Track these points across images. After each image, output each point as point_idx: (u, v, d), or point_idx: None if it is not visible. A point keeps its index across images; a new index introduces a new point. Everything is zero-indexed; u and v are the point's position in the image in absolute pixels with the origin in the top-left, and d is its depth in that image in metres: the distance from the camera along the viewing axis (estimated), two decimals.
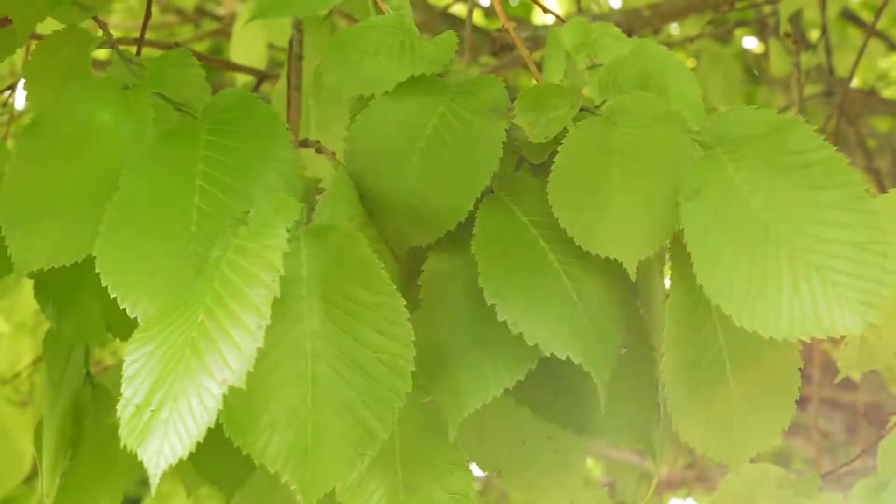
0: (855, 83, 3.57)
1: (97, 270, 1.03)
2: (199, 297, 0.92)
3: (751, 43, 3.89)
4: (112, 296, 1.02)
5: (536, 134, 1.09)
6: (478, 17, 3.87)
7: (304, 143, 1.23)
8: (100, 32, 1.28)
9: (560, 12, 3.97)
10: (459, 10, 3.20)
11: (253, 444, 0.94)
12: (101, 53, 1.40)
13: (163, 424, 0.89)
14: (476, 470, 1.19)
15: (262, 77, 2.23)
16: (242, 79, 2.95)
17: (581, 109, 1.11)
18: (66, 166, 1.13)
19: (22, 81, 1.26)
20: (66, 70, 1.24)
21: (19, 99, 2.64)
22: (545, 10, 1.48)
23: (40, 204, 1.13)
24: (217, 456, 1.55)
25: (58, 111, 1.16)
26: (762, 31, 3.31)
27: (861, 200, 0.98)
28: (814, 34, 3.32)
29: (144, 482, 0.93)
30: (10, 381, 2.73)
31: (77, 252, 1.12)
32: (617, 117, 1.08)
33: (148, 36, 1.47)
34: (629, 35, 2.31)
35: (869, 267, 0.96)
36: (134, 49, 1.40)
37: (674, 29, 3.64)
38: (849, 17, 3.64)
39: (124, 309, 1.02)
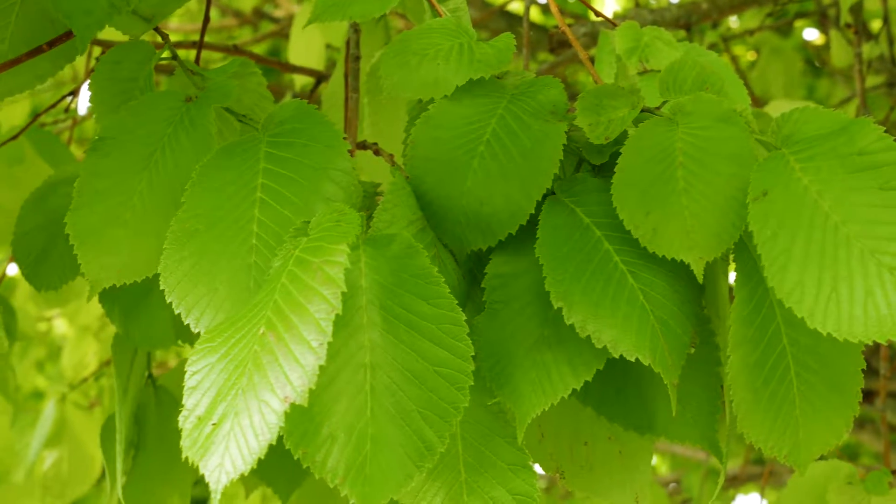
0: None
1: (161, 287, 1.04)
2: (260, 309, 0.93)
3: (811, 34, 3.85)
4: (176, 311, 1.03)
5: (597, 135, 1.09)
6: (535, 14, 3.86)
7: (362, 146, 1.23)
8: (160, 40, 1.29)
9: (619, 6, 3.95)
10: (516, 7, 3.20)
11: (313, 457, 0.94)
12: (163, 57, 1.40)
13: (224, 438, 0.89)
14: (540, 469, 1.19)
15: (320, 77, 2.23)
16: (301, 79, 2.96)
17: (641, 111, 1.11)
18: (133, 181, 1.14)
19: (84, 86, 1.27)
20: (129, 83, 1.25)
21: (82, 104, 2.66)
22: (597, 14, 1.47)
23: (109, 219, 1.14)
24: (274, 459, 1.57)
25: (123, 127, 1.17)
26: (823, 23, 3.27)
27: None
28: (875, 24, 3.29)
29: (200, 480, 0.94)
30: (77, 386, 2.76)
31: (148, 267, 1.13)
32: (679, 118, 1.08)
33: (207, 39, 1.47)
34: (688, 29, 2.31)
35: None
36: (193, 53, 1.41)
37: (733, 22, 3.61)
38: None
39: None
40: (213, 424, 0.90)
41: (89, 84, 1.26)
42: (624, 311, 1.01)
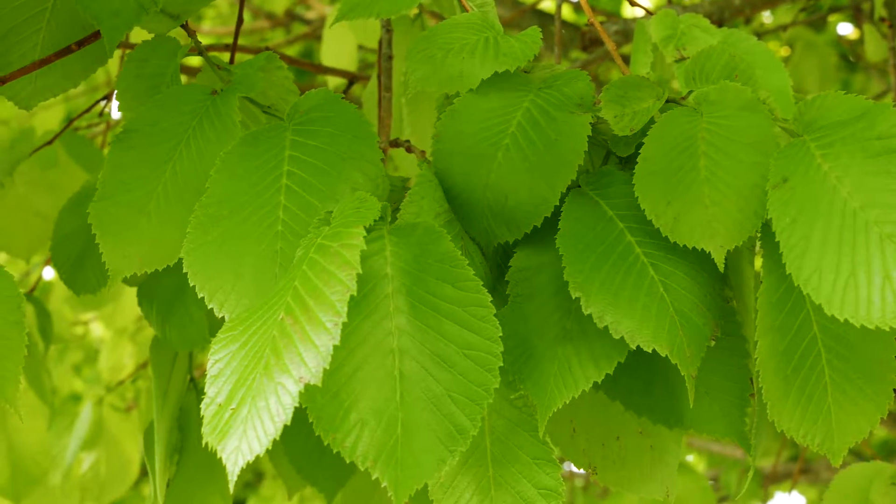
0: None
1: (184, 271, 1.05)
2: (281, 296, 0.93)
3: (845, 29, 3.83)
4: (199, 295, 1.04)
5: (622, 127, 1.09)
6: (567, 13, 3.86)
7: (395, 143, 1.23)
8: (189, 40, 1.29)
9: (650, 4, 3.94)
10: (548, 6, 3.20)
11: (342, 442, 0.94)
12: (194, 61, 1.41)
13: (242, 423, 0.90)
14: (573, 466, 1.19)
15: (352, 79, 2.24)
16: (333, 81, 2.96)
17: (667, 101, 1.10)
18: (157, 172, 1.15)
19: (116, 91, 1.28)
20: (156, 79, 1.26)
21: (115, 108, 2.68)
22: (633, 4, 1.47)
23: (133, 210, 1.15)
24: (318, 458, 1.57)
25: (148, 119, 1.17)
26: (857, 17, 3.25)
27: None
28: None
29: (248, 484, 0.94)
30: (114, 389, 2.77)
31: (170, 256, 1.13)
32: (703, 107, 1.08)
33: (239, 42, 1.48)
34: (720, 25, 2.30)
35: None
36: (225, 55, 1.42)
37: (766, 17, 3.60)
38: None
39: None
40: (232, 410, 0.91)
41: (117, 81, 1.27)
42: (643, 301, 1.01)
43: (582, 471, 1.20)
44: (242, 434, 0.89)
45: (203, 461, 1.59)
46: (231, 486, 0.88)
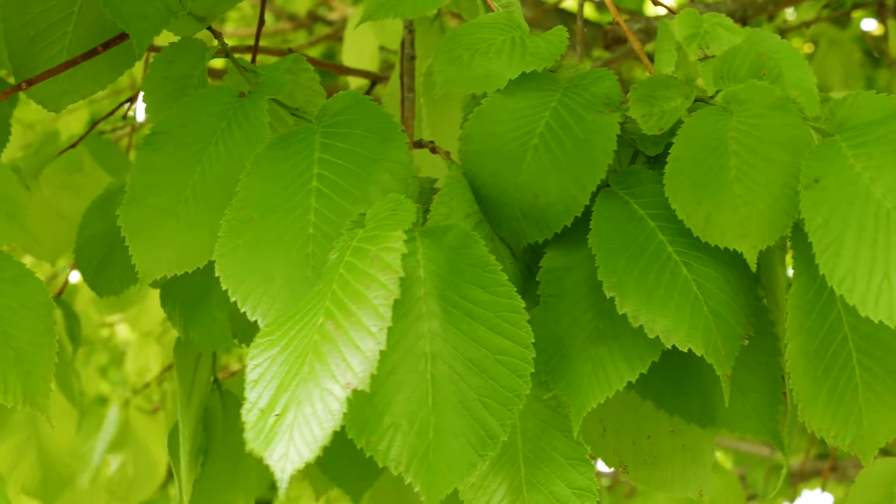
0: None
1: (217, 275, 1.05)
2: (318, 300, 0.93)
3: (869, 25, 3.82)
4: (232, 299, 1.04)
5: (650, 126, 1.09)
6: (590, 11, 3.86)
7: (419, 144, 1.23)
8: (215, 42, 1.29)
9: (672, 2, 3.94)
10: (571, 5, 3.19)
11: (376, 446, 0.94)
12: (218, 63, 1.41)
13: (288, 429, 0.89)
14: (603, 466, 1.19)
15: (374, 79, 2.24)
16: (355, 82, 2.97)
17: (695, 100, 1.10)
18: (186, 174, 1.15)
19: (142, 94, 1.28)
20: (183, 81, 1.26)
21: (139, 111, 2.68)
22: (656, 3, 1.46)
23: (161, 212, 1.15)
24: (345, 459, 1.57)
25: (176, 121, 1.18)
26: (881, 13, 3.24)
27: None
28: None
29: (273, 486, 0.94)
30: (141, 391, 2.78)
31: (199, 259, 1.13)
32: (732, 107, 1.07)
33: (262, 43, 1.48)
34: (743, 23, 2.29)
35: None
36: (248, 57, 1.42)
37: (789, 14, 3.59)
38: None
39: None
40: (276, 415, 0.90)
41: (143, 84, 1.27)
42: (677, 301, 1.01)
43: (610, 470, 1.20)
44: (289, 440, 0.89)
45: (227, 462, 1.59)
46: (281, 493, 0.87)
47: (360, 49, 2.79)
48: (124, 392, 2.75)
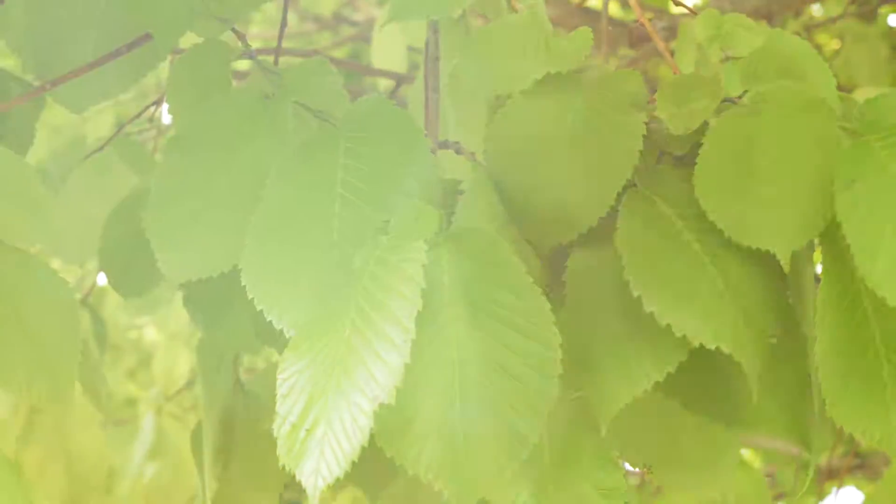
0: None
1: (243, 283, 1.05)
2: (344, 311, 0.93)
3: None
4: (258, 308, 1.04)
5: (677, 126, 1.08)
6: (614, 9, 3.85)
7: (444, 145, 1.23)
8: (239, 44, 1.30)
9: (693, 3, 3.92)
10: (595, 3, 3.19)
11: (406, 454, 0.94)
12: (242, 65, 1.41)
13: (318, 444, 0.89)
14: (628, 465, 1.19)
15: (400, 80, 2.24)
16: (384, 83, 2.97)
17: (723, 100, 1.10)
18: (211, 178, 1.15)
19: (166, 96, 1.29)
20: (207, 83, 1.26)
21: (165, 113, 2.69)
22: (676, 3, 1.46)
23: (187, 216, 1.15)
24: (361, 458, 1.57)
25: (200, 124, 1.18)
26: None
27: None
28: None
29: (291, 483, 0.94)
30: (173, 397, 2.78)
31: (224, 263, 1.14)
32: (761, 107, 1.07)
33: (287, 44, 1.48)
34: (769, 19, 2.28)
35: None
36: (272, 59, 1.42)
37: (815, 10, 3.57)
38: None
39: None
40: (307, 430, 0.90)
41: (167, 86, 1.27)
42: (704, 299, 1.01)
43: (633, 468, 1.20)
44: (320, 455, 0.89)
45: (250, 463, 1.59)
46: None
47: (389, 49, 2.79)
48: (156, 398, 2.75)
